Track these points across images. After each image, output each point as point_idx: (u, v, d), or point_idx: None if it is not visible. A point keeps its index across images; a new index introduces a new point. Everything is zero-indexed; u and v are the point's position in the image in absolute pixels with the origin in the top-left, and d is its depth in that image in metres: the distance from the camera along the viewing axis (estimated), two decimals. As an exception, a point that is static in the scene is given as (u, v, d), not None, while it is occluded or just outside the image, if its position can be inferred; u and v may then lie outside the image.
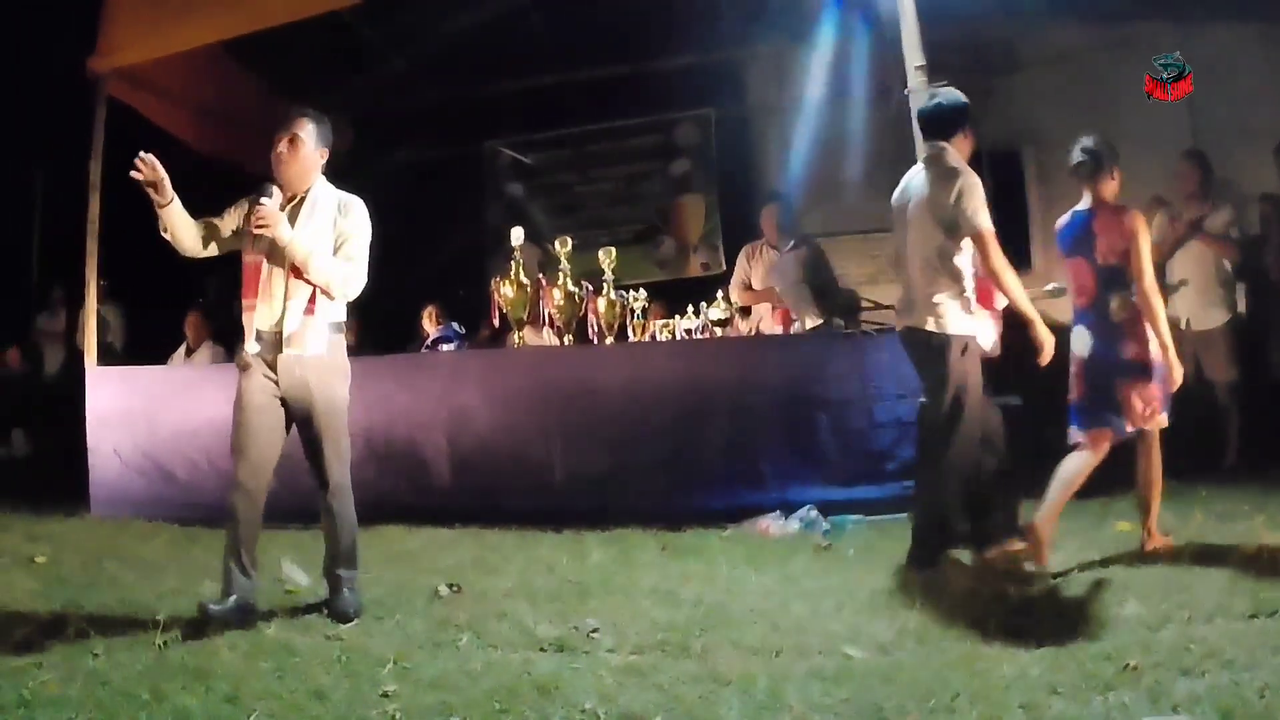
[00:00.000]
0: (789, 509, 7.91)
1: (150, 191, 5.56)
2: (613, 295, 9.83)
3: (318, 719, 4.07)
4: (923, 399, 6.56)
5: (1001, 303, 6.68)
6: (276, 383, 5.71)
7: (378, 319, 13.34)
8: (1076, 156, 6.66)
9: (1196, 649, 4.21)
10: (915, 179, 6.79)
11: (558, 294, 9.66)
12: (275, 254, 5.66)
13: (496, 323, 10.09)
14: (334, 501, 5.90)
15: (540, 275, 9.88)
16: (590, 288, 9.86)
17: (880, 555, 6.66)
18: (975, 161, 6.63)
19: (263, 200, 5.55)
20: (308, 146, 5.78)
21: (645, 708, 3.89)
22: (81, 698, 4.33)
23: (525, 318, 9.75)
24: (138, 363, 11.18)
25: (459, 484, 9.05)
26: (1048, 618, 4.85)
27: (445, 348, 11.36)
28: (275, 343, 5.70)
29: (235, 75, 11.90)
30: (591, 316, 9.89)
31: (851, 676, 4.16)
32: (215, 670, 4.67)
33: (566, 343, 9.75)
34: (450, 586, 6.34)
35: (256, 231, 5.56)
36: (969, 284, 6.33)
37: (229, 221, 5.87)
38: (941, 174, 6.44)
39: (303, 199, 5.83)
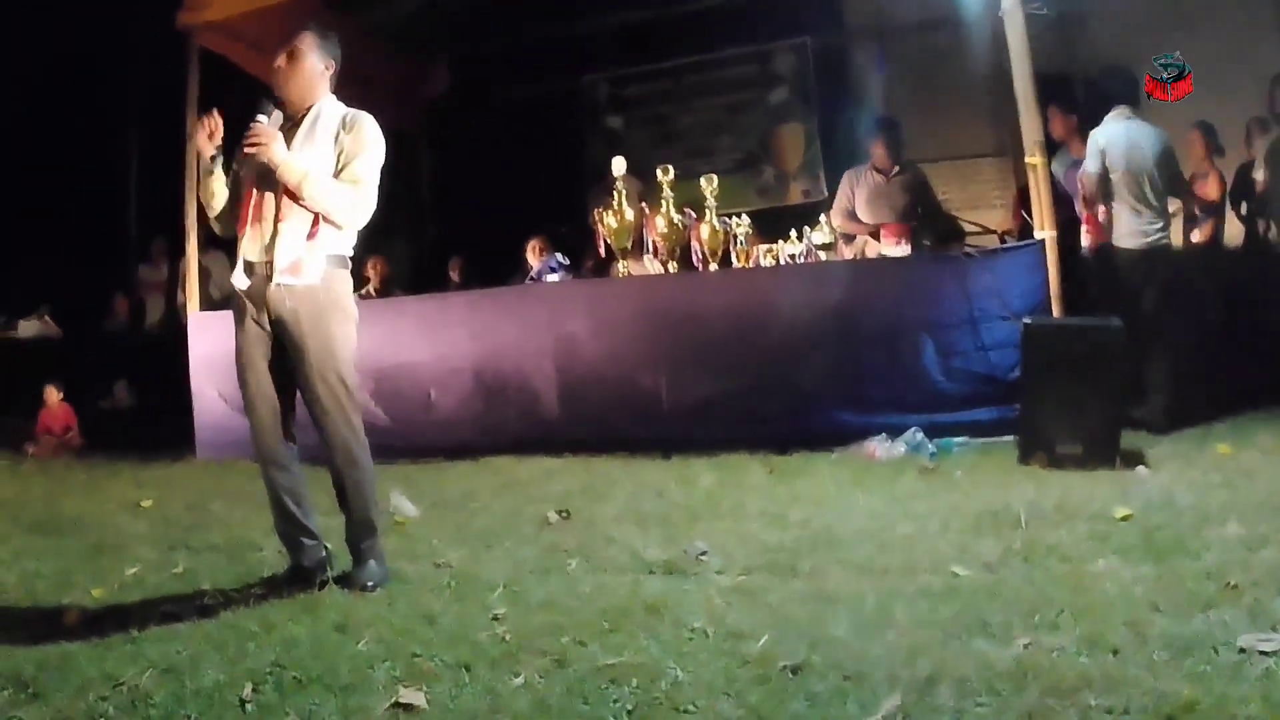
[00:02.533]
0: (895, 432, 7.92)
1: (203, 139, 5.20)
2: (715, 222, 9.85)
3: (428, 642, 4.05)
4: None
5: None
6: (266, 325, 5.17)
7: (483, 253, 13.47)
8: None
9: (1295, 569, 4.23)
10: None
11: (661, 222, 9.69)
12: (268, 177, 5.11)
13: (602, 253, 10.15)
14: (336, 460, 5.19)
15: (642, 205, 9.92)
16: (693, 215, 9.88)
17: (986, 476, 6.70)
18: (1068, 85, 6.66)
19: (258, 117, 5.10)
20: (309, 60, 5.28)
21: (754, 626, 3.91)
22: (190, 631, 4.40)
23: (629, 247, 9.79)
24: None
25: (567, 413, 9.17)
26: (1150, 537, 4.85)
27: (550, 279, 11.44)
28: (265, 274, 5.13)
29: (330, 19, 11.76)
30: (695, 244, 9.89)
31: (958, 594, 4.19)
32: (323, 601, 4.73)
33: (671, 270, 9.79)
34: (559, 513, 6.40)
35: (247, 151, 5.06)
36: None
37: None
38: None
39: (302, 118, 5.32)
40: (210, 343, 10.35)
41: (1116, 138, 8.40)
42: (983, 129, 9.96)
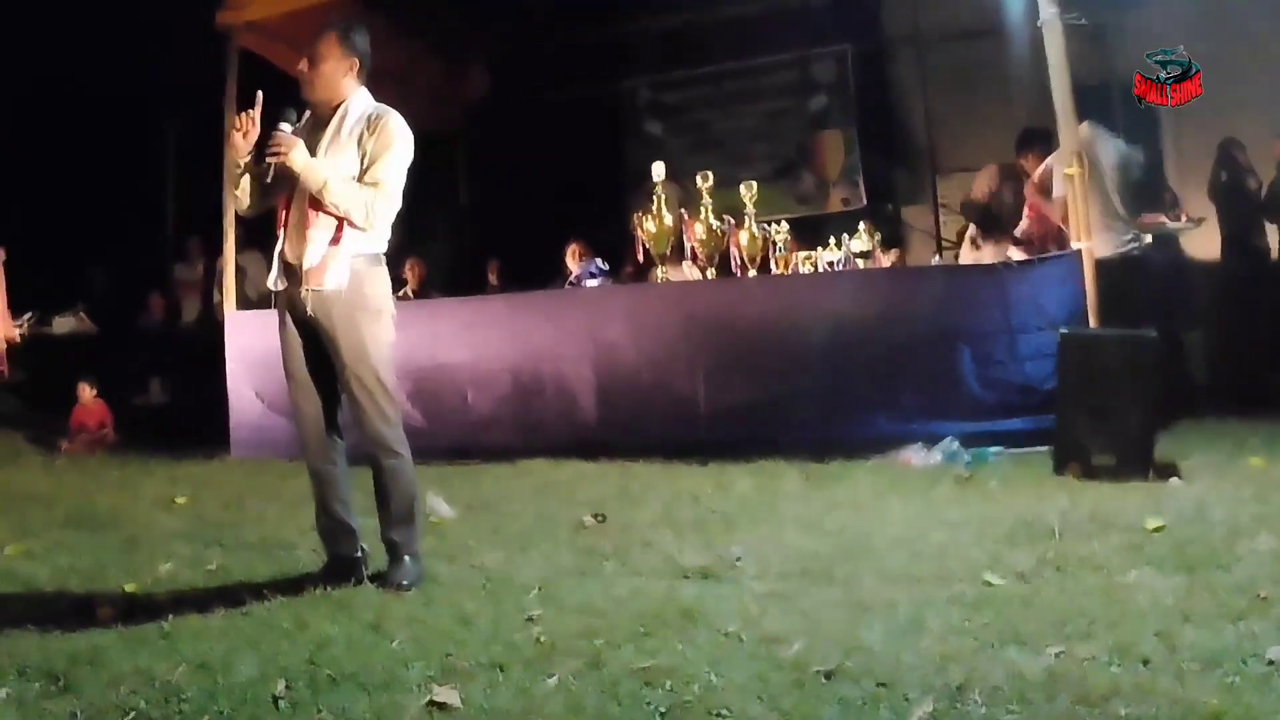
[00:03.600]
0: (932, 440, 7.91)
1: (238, 139, 5.24)
2: (754, 228, 9.88)
3: (463, 643, 4.05)
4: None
5: None
6: (304, 322, 5.22)
7: (520, 257, 13.52)
8: None
9: (1328, 582, 4.25)
10: None
11: (700, 228, 9.72)
12: (296, 183, 5.14)
13: (640, 258, 10.19)
14: (379, 457, 5.19)
15: (682, 210, 9.96)
16: (732, 221, 9.92)
17: (1021, 486, 6.71)
18: (1106, 95, 6.66)
19: (280, 125, 5.14)
20: (330, 62, 5.28)
21: (788, 631, 3.93)
22: (223, 627, 4.43)
23: (668, 253, 9.80)
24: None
25: (605, 417, 9.19)
26: (1182, 549, 4.86)
27: (589, 284, 11.49)
28: (298, 279, 5.18)
29: (369, 22, 11.71)
30: (734, 250, 9.92)
31: (991, 603, 4.21)
32: (358, 599, 4.75)
33: (709, 276, 9.82)
34: (596, 517, 6.41)
35: (269, 159, 5.09)
36: None
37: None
38: None
39: (329, 117, 5.32)
40: (247, 342, 10.41)
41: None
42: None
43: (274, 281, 5.32)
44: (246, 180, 5.37)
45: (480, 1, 13.64)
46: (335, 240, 5.12)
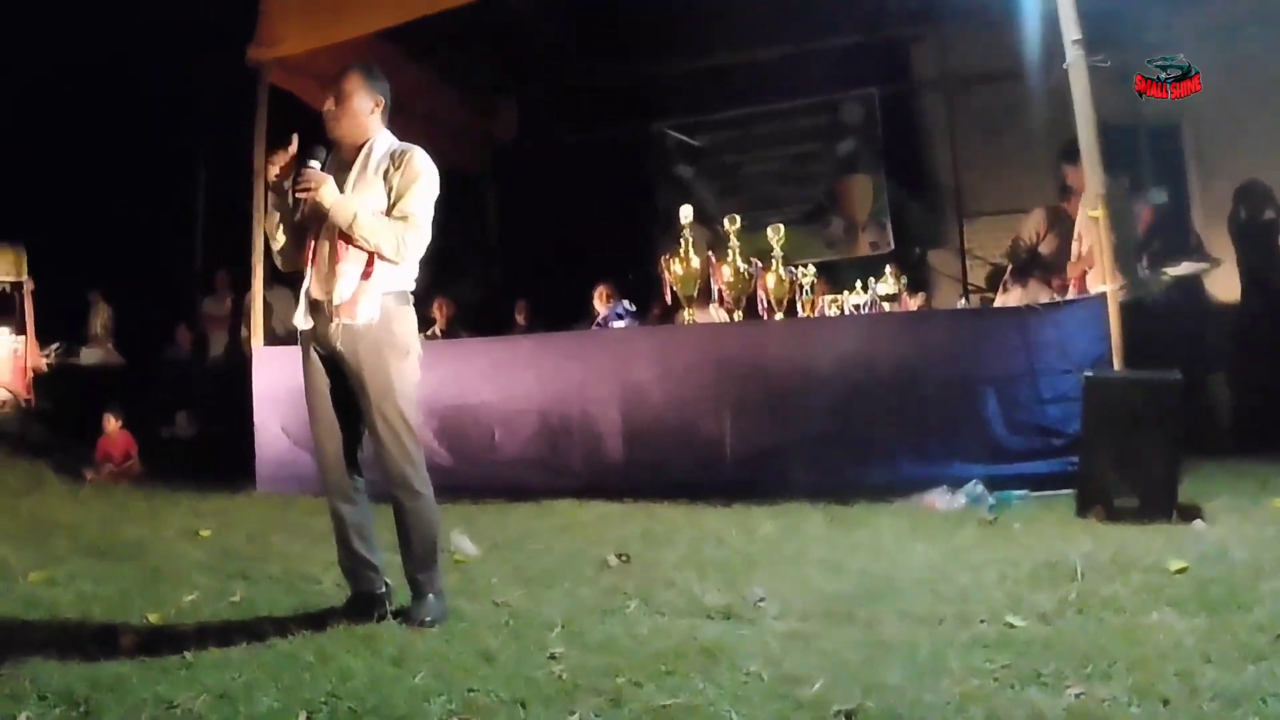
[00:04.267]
0: (955, 483, 7.92)
1: (274, 173, 5.27)
2: (781, 271, 9.91)
3: (484, 678, 4.08)
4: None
5: None
6: (329, 360, 5.25)
7: (548, 297, 13.57)
8: None
9: (1349, 623, 4.25)
10: None
11: (727, 271, 9.77)
12: (324, 219, 5.16)
13: (668, 300, 10.22)
14: (400, 497, 5.21)
15: (709, 253, 10.00)
16: (759, 264, 9.95)
17: (1044, 529, 6.71)
18: (1132, 137, 6.69)
19: (309, 162, 5.14)
20: (356, 99, 5.29)
21: (808, 671, 3.94)
22: (245, 658, 4.44)
23: (695, 295, 9.83)
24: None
25: (630, 459, 9.19)
26: (1204, 590, 4.87)
27: (617, 325, 11.53)
28: (327, 313, 5.19)
29: (398, 61, 11.89)
30: (761, 292, 9.95)
31: (1012, 644, 4.22)
32: (380, 634, 4.77)
33: (736, 319, 9.85)
34: (619, 557, 6.42)
35: (299, 195, 5.14)
36: None
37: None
38: None
39: (355, 156, 5.33)
40: (274, 377, 10.47)
41: None
42: (1047, 181, 9.96)
43: (301, 319, 5.31)
44: (279, 217, 5.37)
45: (510, 43, 13.74)
46: (366, 275, 5.15)
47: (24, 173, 16.92)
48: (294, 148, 5.25)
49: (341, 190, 5.17)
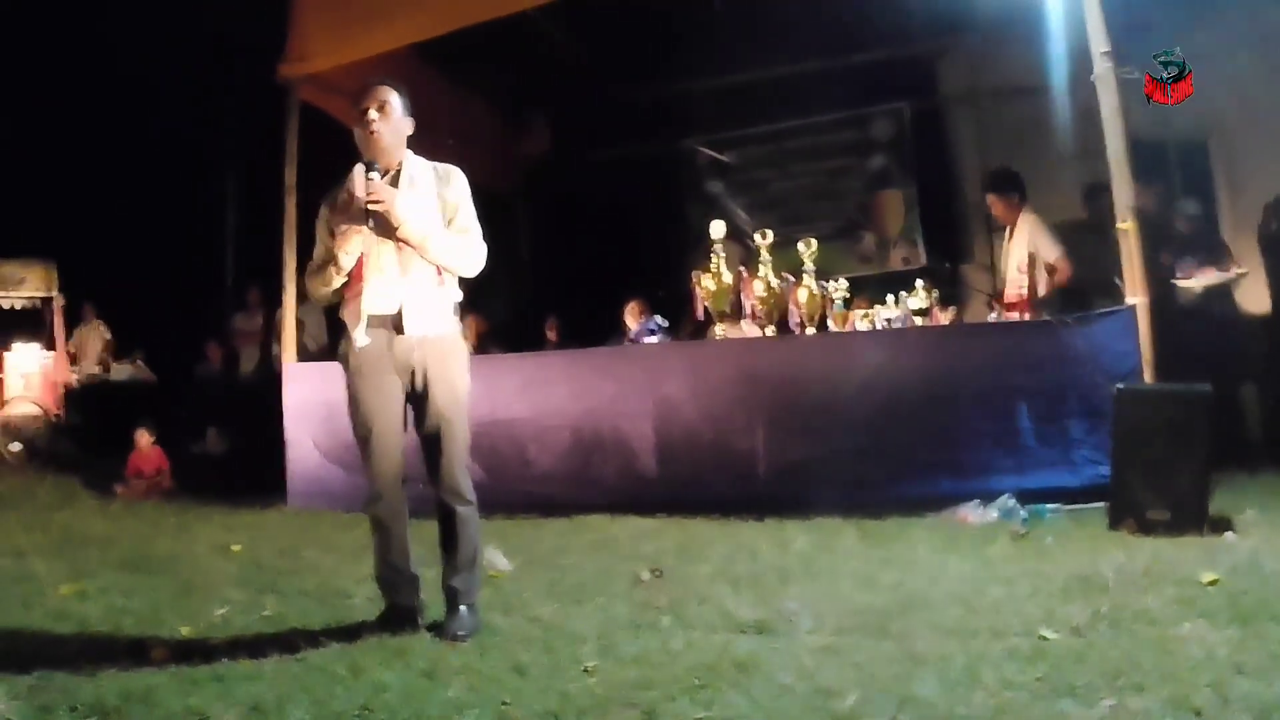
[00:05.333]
0: (988, 497, 7.90)
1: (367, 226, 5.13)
2: (813, 286, 9.93)
3: (517, 692, 4.12)
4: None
5: None
6: (397, 374, 5.22)
7: (579, 314, 13.59)
8: None
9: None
10: None
11: (759, 286, 9.79)
12: (382, 231, 5.11)
13: (700, 316, 10.24)
14: (451, 503, 5.26)
15: (741, 268, 10.02)
16: (791, 279, 9.97)
17: (1076, 542, 6.71)
18: (1162, 149, 6.70)
19: (371, 175, 5.09)
20: (398, 113, 5.31)
21: (842, 684, 3.96)
22: (277, 672, 4.48)
23: (727, 310, 9.84)
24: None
25: (663, 474, 9.20)
26: (1236, 601, 4.87)
27: (649, 341, 11.56)
28: (391, 327, 5.18)
29: (429, 78, 12.06)
30: (793, 307, 9.97)
31: (1045, 657, 4.23)
32: (413, 648, 4.82)
33: (768, 334, 9.87)
34: (653, 571, 6.43)
35: (371, 208, 5.03)
36: None
37: (325, 232, 5.40)
38: None
39: (398, 174, 5.32)
40: (305, 393, 10.54)
41: None
42: (1076, 194, 9.97)
43: (361, 336, 5.23)
44: (356, 242, 5.22)
45: (540, 60, 13.77)
46: (435, 287, 5.26)
47: (56, 189, 17.08)
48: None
49: None
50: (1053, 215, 10.53)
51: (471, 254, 5.30)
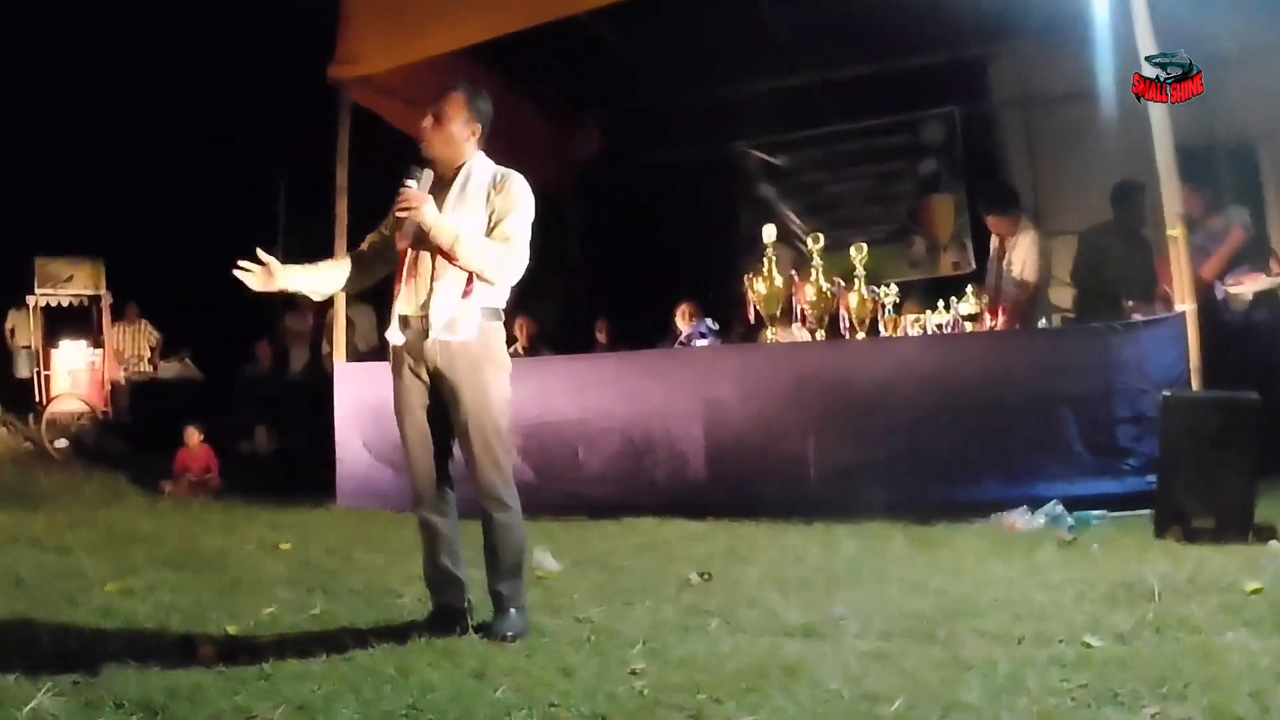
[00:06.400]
0: (1035, 504, 7.91)
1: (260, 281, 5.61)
2: (864, 291, 9.96)
3: (566, 694, 4.12)
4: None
5: None
6: (424, 376, 5.33)
7: (630, 316, 13.63)
8: None
9: None
10: None
11: (810, 290, 9.82)
12: (422, 238, 5.22)
13: (751, 319, 10.27)
14: (488, 508, 5.29)
15: (793, 272, 10.06)
16: (842, 283, 10.00)
17: (1122, 549, 6.72)
18: (1210, 156, 6.69)
19: (407, 182, 5.18)
20: (456, 123, 5.35)
21: (889, 690, 3.98)
22: (325, 671, 4.49)
23: (778, 314, 9.90)
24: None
25: (713, 477, 9.27)
26: (1279, 610, 4.89)
27: (699, 344, 11.61)
28: (422, 329, 5.27)
29: (481, 81, 11.80)
30: (843, 311, 9.99)
31: (1090, 664, 4.25)
32: (462, 648, 4.84)
33: (819, 338, 9.90)
34: (701, 575, 6.45)
35: (399, 215, 5.21)
36: None
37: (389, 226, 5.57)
38: None
39: (452, 179, 5.40)
40: (355, 393, 10.66)
41: None
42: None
43: (394, 335, 5.39)
44: (298, 284, 5.70)
45: (592, 64, 13.80)
46: (466, 293, 5.23)
47: (105, 188, 17.23)
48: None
49: (439, 209, 5.24)
50: (1101, 219, 10.54)
51: (504, 263, 5.25)
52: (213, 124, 17.92)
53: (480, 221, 5.30)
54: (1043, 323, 9.92)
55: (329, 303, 11.36)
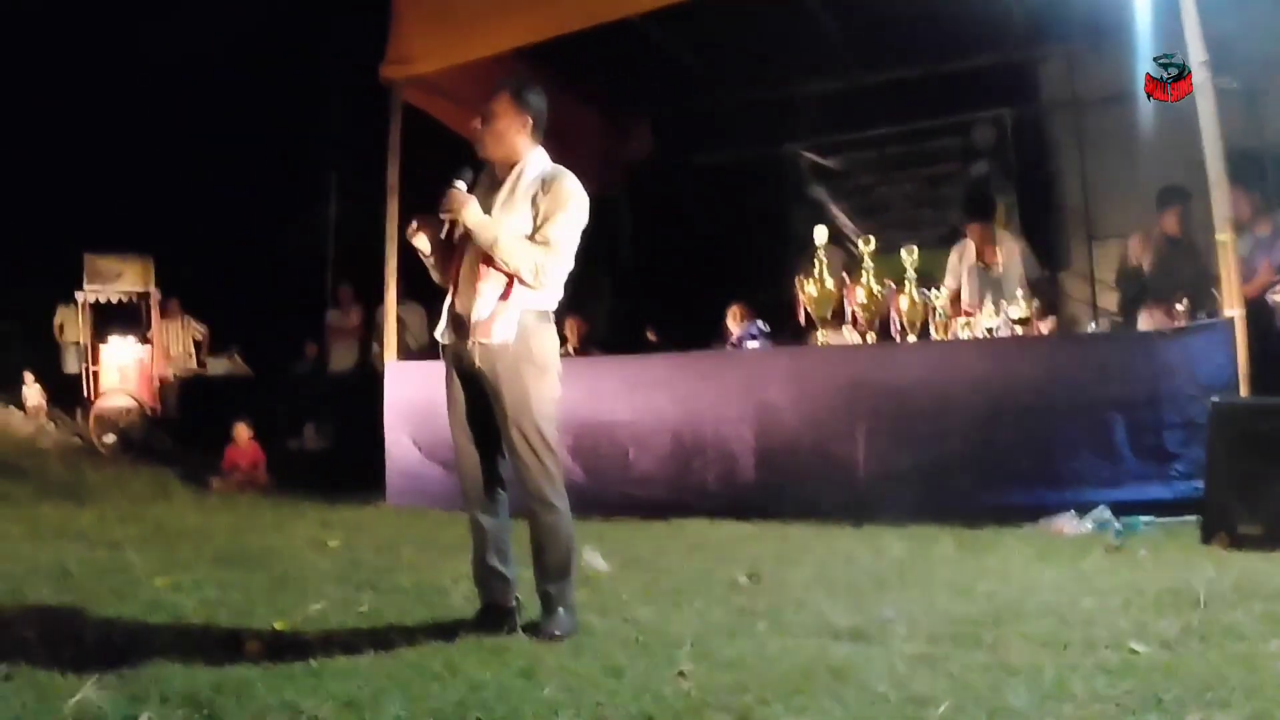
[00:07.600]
0: (1083, 509, 7.95)
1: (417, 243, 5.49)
2: (915, 294, 9.99)
3: (613, 693, 4.14)
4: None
5: None
6: (469, 377, 5.35)
7: (681, 317, 13.65)
8: None
9: None
10: None
11: (861, 292, 9.85)
12: (468, 238, 5.24)
13: (802, 321, 10.30)
14: (536, 511, 5.30)
15: (844, 274, 10.09)
16: (893, 286, 10.02)
17: (1169, 555, 6.73)
18: (1259, 159, 6.70)
19: (456, 183, 5.24)
20: (504, 121, 5.36)
21: (935, 693, 4.01)
22: (372, 668, 4.53)
23: (829, 316, 9.93)
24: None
25: (763, 479, 9.32)
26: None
27: (750, 346, 11.64)
28: (465, 331, 5.29)
29: (533, 81, 11.83)
30: (894, 314, 10.01)
31: (1135, 670, 4.27)
32: (510, 647, 4.88)
33: (869, 340, 9.92)
34: (750, 577, 6.50)
35: (442, 215, 5.21)
36: None
37: None
38: None
39: (504, 178, 5.41)
40: (406, 392, 10.75)
41: None
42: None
43: (442, 334, 5.45)
44: (421, 240, 5.50)
45: (643, 65, 13.84)
46: (505, 295, 5.23)
47: (156, 185, 17.40)
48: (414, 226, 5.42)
49: (490, 210, 5.29)
50: (1151, 224, 10.53)
51: (542, 268, 5.23)
52: (264, 123, 18.07)
53: (525, 222, 5.30)
54: (1091, 327, 9.92)
55: (375, 300, 11.44)
